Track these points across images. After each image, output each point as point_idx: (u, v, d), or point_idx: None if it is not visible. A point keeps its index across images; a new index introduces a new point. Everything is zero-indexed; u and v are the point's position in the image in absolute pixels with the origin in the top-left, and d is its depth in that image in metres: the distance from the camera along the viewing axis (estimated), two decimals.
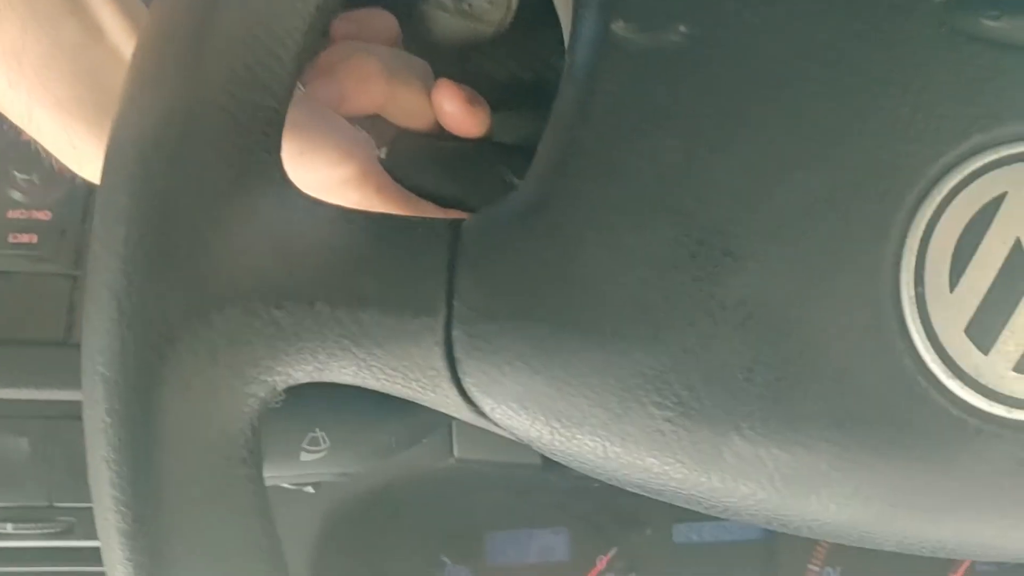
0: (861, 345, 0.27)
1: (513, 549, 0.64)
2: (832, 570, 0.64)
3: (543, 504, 0.64)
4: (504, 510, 0.64)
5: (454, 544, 0.64)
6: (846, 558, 0.65)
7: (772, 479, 0.28)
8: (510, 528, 0.64)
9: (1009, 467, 0.27)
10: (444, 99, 0.40)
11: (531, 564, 0.64)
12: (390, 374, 0.28)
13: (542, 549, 0.64)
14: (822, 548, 0.65)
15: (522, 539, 0.64)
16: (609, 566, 0.64)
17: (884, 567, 0.64)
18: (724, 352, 0.27)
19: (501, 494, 0.64)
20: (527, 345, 0.27)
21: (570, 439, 0.28)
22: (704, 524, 0.65)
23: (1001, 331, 0.26)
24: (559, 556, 0.64)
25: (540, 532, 0.64)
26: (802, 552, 0.64)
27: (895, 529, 0.29)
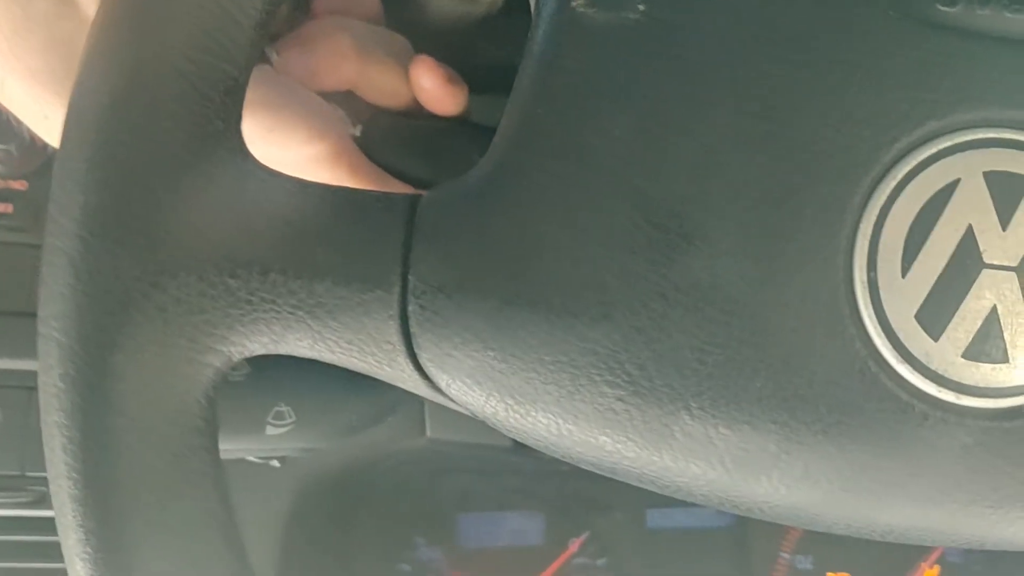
0: (813, 329, 0.27)
1: (485, 531, 0.64)
2: (803, 558, 0.65)
3: (515, 487, 0.64)
4: (476, 492, 0.64)
5: (426, 525, 0.64)
6: (818, 546, 0.65)
7: (722, 459, 0.28)
8: (482, 510, 0.64)
9: (956, 453, 0.27)
10: (423, 75, 0.40)
11: (503, 547, 0.64)
12: (345, 347, 0.28)
13: (514, 532, 0.64)
14: (794, 536, 0.65)
15: (494, 522, 0.64)
16: (581, 550, 0.64)
17: (855, 556, 0.64)
18: (676, 333, 0.27)
19: (473, 476, 0.64)
20: (480, 320, 0.27)
21: (524, 416, 0.29)
22: (676, 510, 0.65)
23: (951, 318, 0.26)
24: (531, 540, 0.64)
25: (512, 515, 0.64)
26: (774, 540, 0.65)
27: (844, 512, 0.29)
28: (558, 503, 0.64)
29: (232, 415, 0.37)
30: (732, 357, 0.27)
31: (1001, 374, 0.26)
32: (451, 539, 0.64)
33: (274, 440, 0.38)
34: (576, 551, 0.64)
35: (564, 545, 0.64)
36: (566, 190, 0.28)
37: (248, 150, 0.29)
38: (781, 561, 0.65)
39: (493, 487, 0.64)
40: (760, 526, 0.65)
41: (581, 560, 0.65)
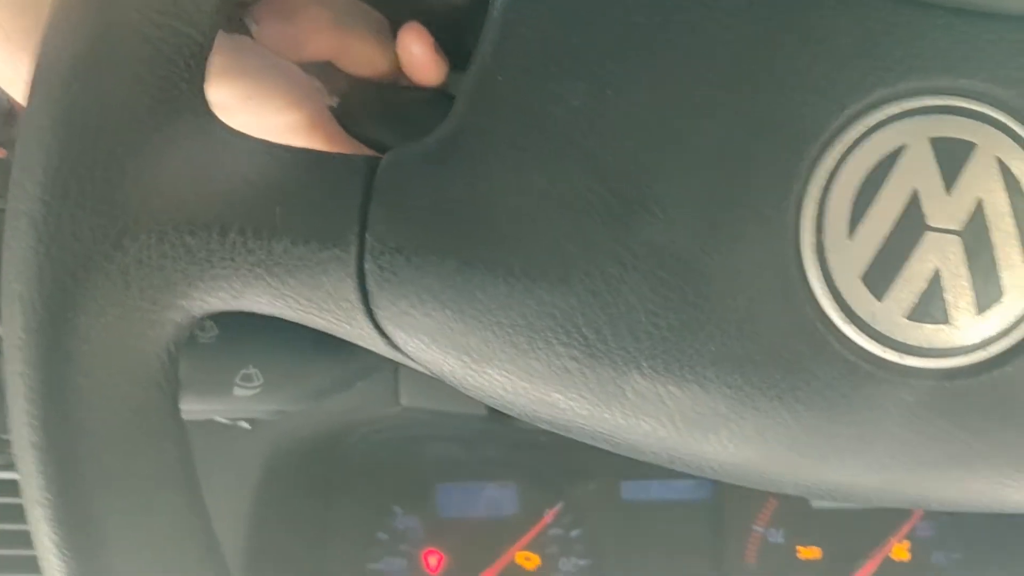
0: (763, 292, 0.27)
1: (463, 502, 0.65)
2: (776, 531, 0.66)
3: (492, 457, 0.65)
4: (453, 462, 0.65)
5: (404, 494, 0.65)
6: (790, 520, 0.66)
7: (672, 417, 0.28)
8: (460, 480, 0.65)
9: (901, 413, 0.28)
10: (413, 41, 0.40)
11: (480, 518, 0.65)
12: (304, 304, 0.29)
13: (491, 503, 0.65)
14: (767, 510, 0.66)
15: (472, 492, 0.65)
16: (556, 520, 0.65)
17: (826, 531, 0.65)
18: (631, 296, 0.28)
19: (450, 445, 0.64)
20: (437, 281, 0.28)
21: (480, 374, 0.29)
22: (652, 482, 0.66)
23: (895, 279, 0.27)
24: (508, 510, 0.65)
25: (490, 486, 0.65)
26: (747, 514, 0.65)
27: (792, 471, 0.29)
28: (534, 474, 0.65)
29: (200, 376, 0.37)
30: (684, 320, 0.27)
31: (944, 335, 0.27)
32: (429, 509, 0.65)
33: (242, 402, 0.39)
34: (551, 521, 0.65)
35: (540, 515, 0.65)
36: (524, 155, 0.28)
37: (212, 113, 0.29)
38: (754, 535, 0.65)
39: (470, 457, 0.65)
40: (734, 500, 0.65)
41: (556, 531, 0.65)
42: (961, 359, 0.27)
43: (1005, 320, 0.27)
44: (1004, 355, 0.27)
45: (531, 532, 0.64)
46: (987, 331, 0.27)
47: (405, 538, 0.65)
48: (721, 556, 0.65)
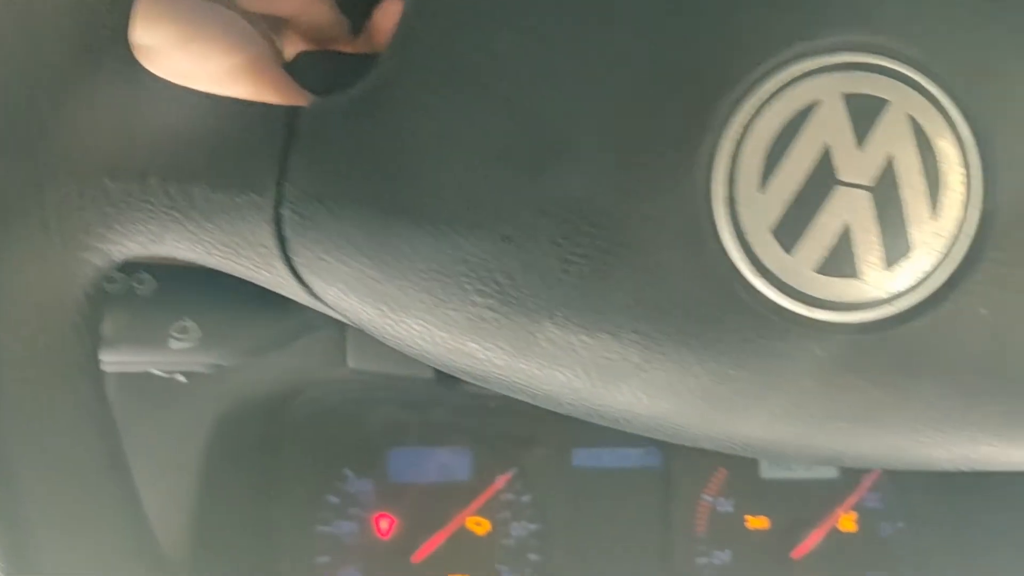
0: (675, 242, 0.28)
1: (415, 466, 0.65)
2: (725, 501, 0.66)
3: (443, 421, 0.65)
4: (405, 426, 0.65)
5: (356, 458, 0.65)
6: (739, 490, 0.66)
7: (585, 367, 0.29)
8: (412, 445, 0.65)
9: (810, 367, 0.28)
10: None
11: (432, 482, 0.65)
12: (222, 250, 0.29)
13: (443, 468, 0.65)
14: (717, 479, 0.66)
15: (424, 457, 0.65)
16: (508, 486, 0.66)
17: (774, 501, 0.66)
18: (545, 244, 0.28)
19: (400, 409, 0.65)
20: (353, 227, 0.28)
21: (397, 323, 0.29)
22: (603, 450, 0.66)
23: (805, 233, 0.27)
24: (460, 475, 0.65)
25: (442, 451, 0.65)
26: (696, 483, 0.66)
27: (705, 424, 0.30)
28: (486, 440, 0.65)
29: (135, 328, 0.37)
30: (596, 268, 0.28)
31: (853, 289, 0.27)
32: (381, 473, 0.65)
33: (178, 354, 0.39)
34: (503, 487, 0.66)
35: (491, 481, 0.65)
36: (443, 103, 0.28)
37: (136, 60, 0.29)
38: (703, 504, 0.66)
39: (421, 422, 0.65)
40: (684, 469, 0.66)
41: (507, 496, 0.66)
42: (870, 313, 0.28)
43: (914, 275, 0.27)
44: (912, 310, 0.28)
45: (482, 497, 0.65)
46: (896, 286, 0.27)
47: (356, 501, 0.65)
48: (670, 525, 0.66)
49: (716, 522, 0.66)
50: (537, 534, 0.66)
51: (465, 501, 0.65)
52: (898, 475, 0.67)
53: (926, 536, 0.67)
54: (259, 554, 0.62)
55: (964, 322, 0.28)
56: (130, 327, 0.38)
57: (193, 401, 0.53)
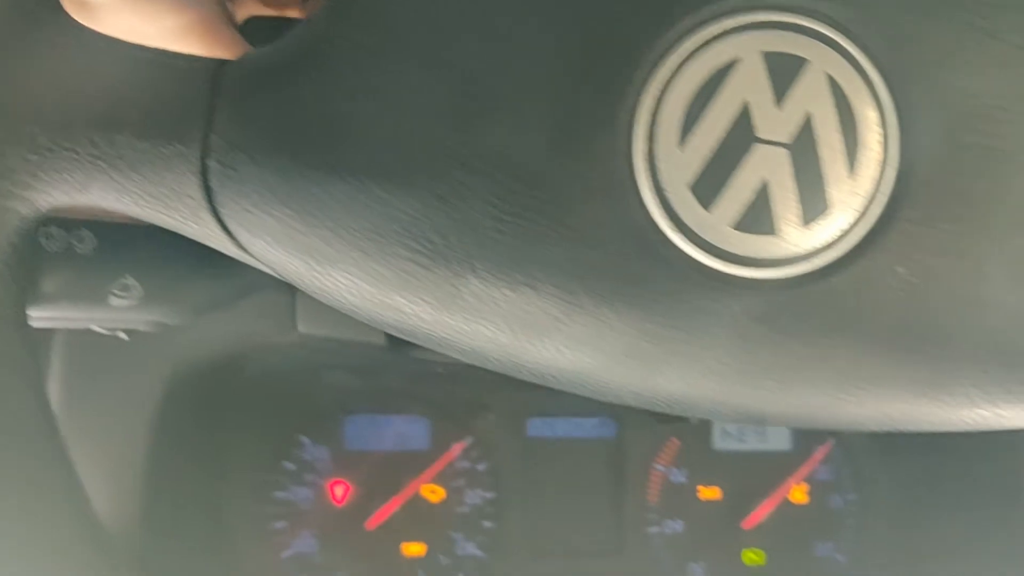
0: (596, 198, 0.28)
1: (371, 434, 0.66)
2: (678, 471, 0.67)
3: (398, 389, 0.65)
4: (361, 393, 0.65)
5: (312, 425, 0.65)
6: (692, 460, 0.67)
7: (508, 321, 0.29)
8: (368, 413, 0.66)
9: (729, 322, 0.28)
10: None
11: (387, 450, 0.66)
12: (149, 200, 0.29)
13: (399, 436, 0.66)
14: (670, 450, 0.67)
15: (380, 425, 0.66)
16: (463, 454, 0.66)
17: (726, 472, 0.67)
18: (475, 201, 0.28)
19: (355, 376, 0.65)
20: (278, 180, 0.28)
21: (324, 276, 0.29)
22: (558, 420, 0.67)
23: (724, 189, 0.27)
24: (416, 444, 0.66)
25: (398, 419, 0.66)
26: (650, 452, 0.67)
27: (627, 379, 0.30)
28: (442, 408, 0.66)
29: (75, 285, 0.37)
30: (519, 222, 0.28)
31: (771, 246, 0.28)
32: (337, 440, 0.66)
33: (119, 312, 0.39)
34: (458, 456, 0.66)
35: (447, 449, 0.66)
36: (372, 58, 0.28)
37: (67, 13, 0.29)
38: (656, 474, 0.67)
39: (376, 388, 0.65)
40: (637, 440, 0.67)
41: (463, 464, 0.66)
42: (787, 270, 0.28)
43: (831, 233, 0.28)
44: (830, 267, 0.28)
45: (437, 465, 0.65)
46: (813, 243, 0.28)
47: (312, 468, 0.66)
48: (623, 494, 0.66)
49: (669, 492, 0.67)
50: (492, 502, 0.66)
51: (420, 469, 0.65)
52: (850, 448, 0.68)
53: (876, 509, 0.68)
54: (214, 519, 0.62)
55: (881, 281, 0.28)
56: (70, 284, 0.37)
57: (141, 362, 0.53)
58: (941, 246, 0.28)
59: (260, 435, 0.64)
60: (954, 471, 0.65)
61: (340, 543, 0.65)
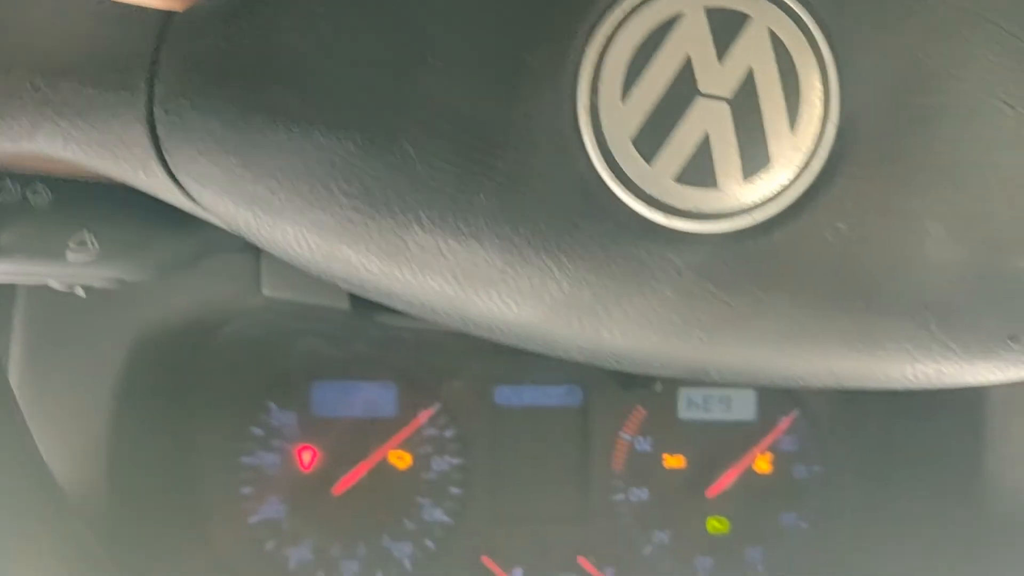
0: (538, 148, 0.28)
1: (339, 400, 0.66)
2: (643, 439, 0.67)
3: (366, 355, 0.66)
4: (328, 360, 0.66)
5: (279, 390, 0.66)
6: (657, 429, 0.68)
7: (454, 273, 0.29)
8: (336, 379, 0.66)
9: (668, 274, 0.29)
10: None
11: (355, 416, 0.66)
12: (97, 149, 0.29)
13: (367, 403, 0.66)
14: (636, 418, 0.67)
15: (348, 391, 0.66)
16: (430, 421, 0.66)
17: (690, 441, 0.67)
18: (409, 144, 0.28)
19: (322, 342, 0.65)
20: (222, 126, 0.28)
21: (272, 227, 0.30)
22: (525, 388, 0.67)
23: (666, 142, 0.28)
24: (384, 411, 0.66)
25: (366, 385, 0.66)
26: (615, 422, 0.67)
27: (572, 333, 0.30)
28: (409, 375, 0.66)
29: (30, 239, 0.37)
30: (461, 171, 0.28)
31: (711, 199, 0.28)
32: (304, 406, 0.66)
33: (76, 267, 0.39)
34: (425, 423, 0.66)
35: (414, 416, 0.66)
36: (313, 6, 0.29)
37: None
38: (621, 442, 0.67)
39: (344, 354, 0.65)
40: (602, 409, 0.67)
41: (430, 431, 0.67)
42: (728, 223, 0.28)
43: (771, 188, 0.28)
44: (770, 222, 0.28)
45: (404, 432, 0.66)
46: (754, 197, 0.28)
47: (280, 434, 0.66)
48: (589, 462, 0.67)
49: (634, 460, 0.67)
50: (459, 468, 0.67)
51: (387, 435, 0.65)
52: (815, 419, 0.69)
53: (840, 479, 0.69)
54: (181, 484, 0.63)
55: (821, 236, 0.29)
56: (25, 237, 0.38)
57: (104, 323, 0.53)
58: (880, 203, 0.28)
59: (227, 400, 0.64)
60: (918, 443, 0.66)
61: (307, 509, 0.66)
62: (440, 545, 0.67)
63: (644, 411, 0.67)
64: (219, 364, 0.63)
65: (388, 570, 0.67)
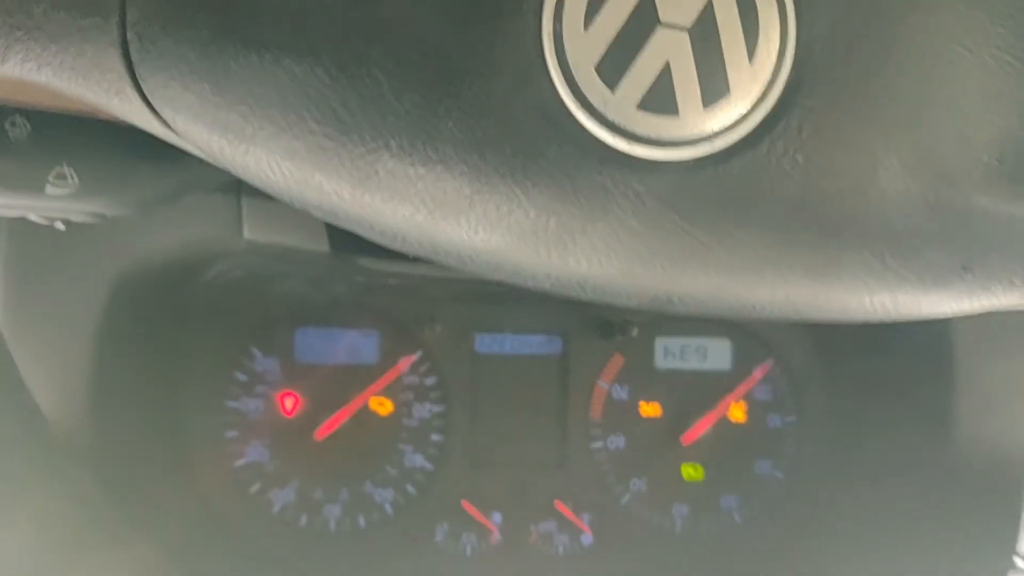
0: (503, 75, 0.29)
1: (322, 347, 0.67)
2: (620, 388, 0.69)
3: (348, 301, 0.66)
4: (311, 307, 0.66)
5: (263, 336, 0.66)
6: (634, 377, 0.69)
7: (423, 199, 0.30)
8: (318, 325, 0.67)
9: (631, 202, 0.30)
10: None
11: (337, 363, 0.67)
12: (70, 73, 0.30)
13: (349, 349, 0.67)
14: (613, 367, 0.68)
15: (331, 338, 0.67)
16: (411, 369, 0.67)
17: (666, 389, 0.68)
18: (377, 71, 0.29)
19: (305, 288, 0.66)
20: (193, 51, 0.29)
21: (245, 153, 0.30)
22: (506, 336, 0.68)
23: (628, 70, 0.28)
24: (365, 357, 0.67)
25: (349, 332, 0.67)
26: (593, 369, 0.68)
27: (539, 260, 0.31)
28: (391, 321, 0.67)
29: (9, 171, 0.38)
30: (427, 98, 0.29)
31: (672, 126, 0.29)
32: (287, 352, 0.67)
33: (55, 200, 0.39)
34: (406, 370, 0.67)
35: (395, 363, 0.67)
36: None
37: None
38: (599, 390, 0.68)
39: (327, 301, 0.66)
40: (581, 357, 0.68)
41: (411, 378, 0.68)
42: (688, 151, 0.29)
43: (730, 116, 0.29)
44: (729, 151, 0.29)
45: (386, 378, 0.67)
46: (713, 126, 0.29)
47: (263, 379, 0.67)
48: (567, 410, 0.68)
49: (611, 408, 0.69)
50: (439, 415, 0.68)
51: (369, 382, 0.66)
52: (789, 368, 0.70)
53: (813, 428, 0.70)
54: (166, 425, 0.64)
55: (778, 166, 0.29)
56: (4, 170, 0.38)
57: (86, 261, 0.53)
58: (835, 134, 0.29)
59: (211, 344, 0.65)
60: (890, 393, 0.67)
61: (290, 454, 0.67)
62: (421, 490, 0.68)
63: (622, 359, 0.68)
64: (202, 307, 0.63)
65: (370, 514, 0.68)
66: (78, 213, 0.41)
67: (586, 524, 0.69)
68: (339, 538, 0.67)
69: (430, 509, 0.68)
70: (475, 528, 0.68)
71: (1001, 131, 0.29)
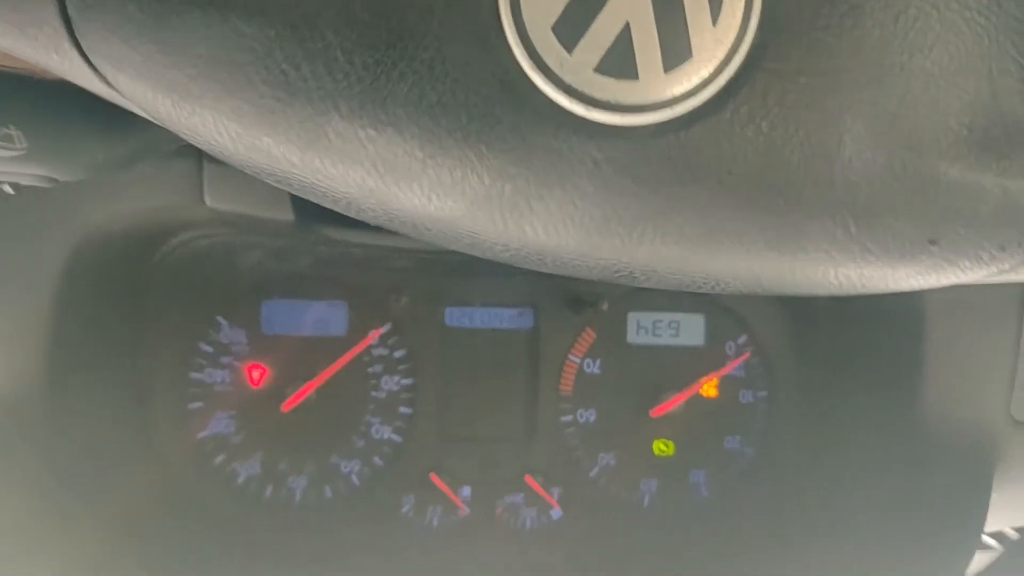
0: (457, 36, 0.28)
1: (289, 319, 0.66)
2: (591, 362, 0.68)
3: (316, 274, 0.65)
4: (279, 278, 0.65)
5: (230, 306, 0.65)
6: (606, 352, 0.68)
7: (375, 163, 0.29)
8: (286, 297, 0.66)
9: (587, 167, 0.29)
10: None
11: (306, 335, 0.66)
12: (6, 27, 0.28)
13: (317, 321, 0.66)
14: (585, 341, 0.68)
15: (299, 310, 0.66)
16: (381, 340, 0.67)
17: (641, 363, 0.68)
18: (326, 31, 0.28)
19: (271, 258, 0.65)
20: (138, 9, 0.28)
21: (191, 114, 0.29)
22: (476, 310, 0.67)
23: (586, 32, 0.27)
24: (334, 330, 0.66)
25: (316, 304, 0.66)
26: (564, 343, 0.68)
27: (495, 228, 0.30)
28: (360, 293, 0.66)
29: None
30: (379, 60, 0.28)
31: (631, 91, 0.28)
32: (254, 323, 0.66)
33: (3, 163, 0.38)
34: (375, 342, 0.66)
35: (364, 335, 0.66)
36: None
37: None
38: (570, 364, 0.68)
39: (294, 272, 0.65)
40: (552, 332, 0.68)
41: (380, 351, 0.67)
42: (647, 116, 0.28)
43: (692, 81, 0.28)
44: (689, 116, 0.28)
45: (354, 351, 0.66)
46: (674, 90, 0.28)
47: (229, 351, 0.66)
48: (537, 383, 0.67)
49: (582, 382, 0.68)
50: (409, 388, 0.67)
51: (337, 354, 0.65)
52: (761, 346, 0.69)
53: (784, 405, 0.70)
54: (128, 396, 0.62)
55: (740, 133, 0.29)
56: None
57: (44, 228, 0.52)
58: (801, 99, 0.28)
59: (177, 316, 0.64)
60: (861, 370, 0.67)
61: (257, 425, 0.66)
62: (388, 463, 0.68)
63: (594, 334, 0.68)
64: (166, 277, 0.62)
65: (336, 486, 0.67)
66: (27, 176, 0.40)
67: (555, 498, 0.68)
68: (304, 509, 0.67)
69: (397, 481, 0.67)
70: (442, 500, 0.67)
71: (971, 98, 0.29)
